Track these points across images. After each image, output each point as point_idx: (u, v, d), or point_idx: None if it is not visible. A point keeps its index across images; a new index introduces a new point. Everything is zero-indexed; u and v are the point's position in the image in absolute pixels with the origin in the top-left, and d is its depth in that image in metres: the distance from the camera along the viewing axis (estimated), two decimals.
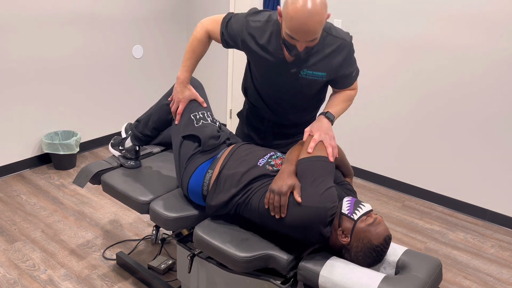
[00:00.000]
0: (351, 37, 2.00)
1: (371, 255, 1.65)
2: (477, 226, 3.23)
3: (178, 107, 2.08)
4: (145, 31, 4.29)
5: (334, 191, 1.69)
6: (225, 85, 4.53)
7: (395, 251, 1.76)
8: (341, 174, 2.00)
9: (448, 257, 2.88)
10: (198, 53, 2.07)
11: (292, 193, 1.68)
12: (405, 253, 1.74)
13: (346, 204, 1.70)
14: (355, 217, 1.66)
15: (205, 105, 2.11)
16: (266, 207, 1.72)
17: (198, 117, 2.05)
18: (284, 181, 1.69)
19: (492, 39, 2.97)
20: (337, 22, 3.58)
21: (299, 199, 1.65)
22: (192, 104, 2.10)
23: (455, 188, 3.37)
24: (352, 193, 1.95)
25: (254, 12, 1.93)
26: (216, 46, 4.51)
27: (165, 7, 4.40)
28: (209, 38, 2.04)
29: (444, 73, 3.21)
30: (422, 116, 3.38)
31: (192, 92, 2.09)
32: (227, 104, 4.56)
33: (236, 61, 4.37)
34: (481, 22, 2.98)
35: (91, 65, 3.97)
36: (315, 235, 1.68)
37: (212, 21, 1.99)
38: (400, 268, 1.71)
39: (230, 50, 4.36)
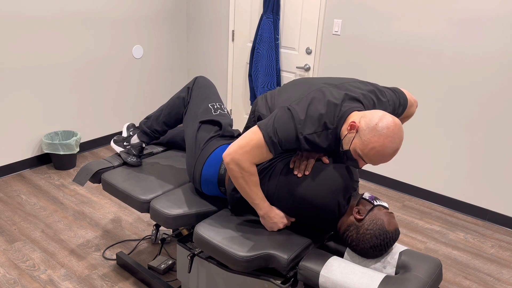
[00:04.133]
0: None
1: (379, 236, 1.68)
2: (477, 226, 3.23)
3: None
4: (145, 31, 4.29)
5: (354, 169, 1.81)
6: (225, 85, 4.53)
7: (395, 251, 1.76)
8: None
9: (448, 257, 2.88)
10: (257, 180, 1.80)
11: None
12: (405, 253, 1.74)
13: (367, 194, 1.81)
14: (375, 203, 1.76)
15: None
16: (291, 166, 1.79)
17: (216, 107, 2.15)
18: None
19: (492, 39, 2.97)
20: (337, 22, 3.58)
21: (326, 160, 1.77)
22: (210, 95, 2.19)
23: (455, 188, 3.37)
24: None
25: (301, 123, 1.66)
26: (216, 46, 4.53)
27: (165, 7, 4.40)
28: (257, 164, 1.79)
29: (444, 73, 3.21)
30: (422, 116, 3.39)
31: (277, 213, 1.84)
32: (227, 104, 4.57)
33: (236, 61, 4.37)
34: (481, 22, 2.98)
35: (91, 65, 3.97)
36: (333, 206, 1.73)
37: (248, 152, 1.70)
38: (400, 268, 1.71)
39: (230, 50, 4.37)
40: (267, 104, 1.94)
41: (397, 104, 1.91)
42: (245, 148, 1.70)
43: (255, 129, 1.71)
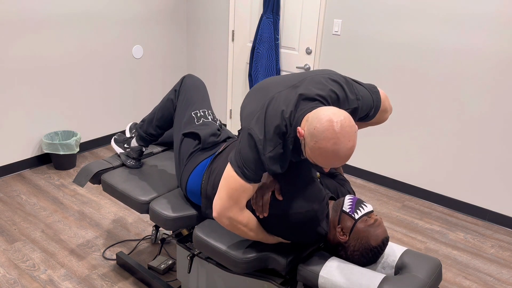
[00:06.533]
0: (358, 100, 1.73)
1: (367, 255, 1.66)
2: (477, 226, 3.23)
3: None
4: (145, 31, 4.29)
5: (318, 187, 1.70)
6: (225, 85, 4.53)
7: (394, 251, 1.75)
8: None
9: (448, 257, 2.87)
10: (261, 229, 1.76)
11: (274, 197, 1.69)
12: (405, 253, 1.74)
13: (348, 202, 1.71)
14: (356, 216, 1.66)
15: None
16: (253, 207, 1.73)
17: (199, 115, 2.08)
18: (264, 181, 1.71)
19: (492, 39, 2.97)
20: (337, 22, 3.58)
21: (279, 197, 1.66)
22: (195, 100, 2.11)
23: (455, 188, 3.37)
24: (344, 182, 1.96)
25: (262, 144, 1.58)
26: (216, 46, 4.52)
27: (165, 7, 4.40)
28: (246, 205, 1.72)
29: (444, 73, 3.21)
30: (422, 116, 3.38)
31: (281, 240, 1.81)
32: (227, 104, 4.56)
33: (236, 61, 4.37)
34: (481, 22, 2.98)
35: (91, 65, 3.97)
36: (312, 235, 1.70)
37: (234, 202, 1.64)
38: (399, 268, 1.71)
39: (230, 50, 4.37)
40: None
41: (370, 102, 1.73)
42: (229, 200, 1.63)
43: (228, 169, 1.64)
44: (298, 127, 1.52)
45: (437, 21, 3.14)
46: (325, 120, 1.43)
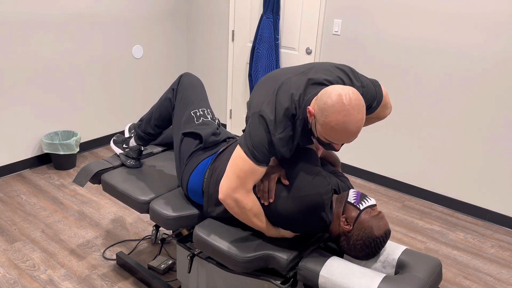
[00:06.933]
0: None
1: (370, 245, 1.67)
2: (477, 226, 3.23)
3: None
4: (145, 31, 4.29)
5: (324, 175, 1.73)
6: (225, 85, 4.53)
7: (395, 251, 1.75)
8: (330, 164, 2.02)
9: (448, 257, 2.88)
10: (258, 209, 1.77)
11: (281, 185, 1.72)
12: (405, 253, 1.74)
13: (352, 195, 1.75)
14: (361, 207, 1.70)
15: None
16: (258, 195, 1.76)
17: (198, 114, 2.09)
18: (269, 168, 1.75)
19: (492, 39, 2.97)
20: (337, 22, 3.58)
21: (286, 182, 1.71)
22: (193, 99, 2.12)
23: (455, 188, 3.37)
24: (345, 179, 1.97)
25: (273, 125, 1.62)
26: (216, 46, 4.52)
27: (165, 7, 4.40)
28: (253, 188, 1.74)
29: (444, 73, 3.21)
30: (422, 116, 3.39)
31: (284, 233, 1.84)
32: (227, 104, 4.56)
33: (236, 61, 4.37)
34: (481, 22, 2.98)
35: (91, 65, 3.97)
36: (317, 221, 1.71)
37: (241, 183, 1.67)
38: (400, 268, 1.71)
39: (230, 50, 4.37)
40: (246, 109, 1.91)
41: (373, 93, 1.78)
42: (236, 180, 1.66)
43: (237, 151, 1.67)
44: (308, 107, 1.58)
45: (437, 21, 3.14)
46: (334, 94, 1.50)
